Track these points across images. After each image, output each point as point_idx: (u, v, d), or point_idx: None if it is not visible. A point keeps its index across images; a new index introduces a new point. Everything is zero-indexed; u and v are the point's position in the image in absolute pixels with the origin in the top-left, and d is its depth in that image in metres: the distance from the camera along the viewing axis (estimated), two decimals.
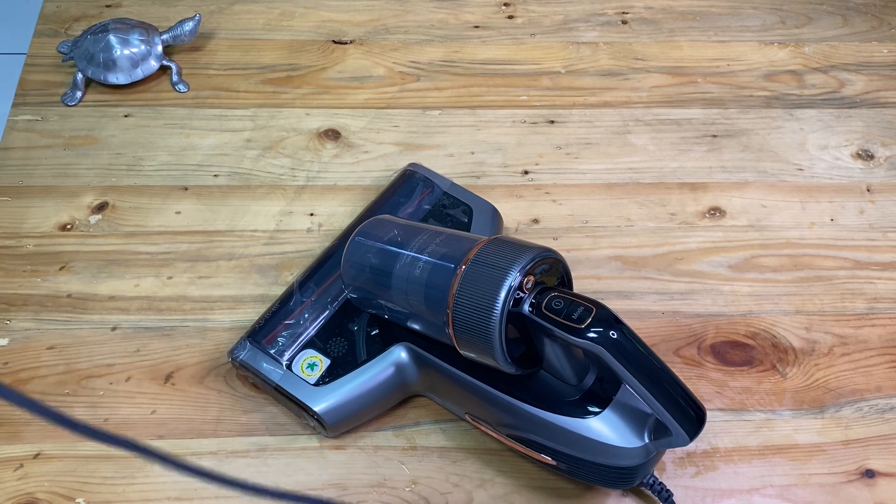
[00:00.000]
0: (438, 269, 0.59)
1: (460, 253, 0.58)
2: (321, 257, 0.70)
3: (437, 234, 0.62)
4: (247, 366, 0.64)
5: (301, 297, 0.67)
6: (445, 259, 0.59)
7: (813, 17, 0.94)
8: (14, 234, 0.74)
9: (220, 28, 0.90)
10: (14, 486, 0.61)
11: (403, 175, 0.75)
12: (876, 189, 0.80)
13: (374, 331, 0.65)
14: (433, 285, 0.58)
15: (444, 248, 0.60)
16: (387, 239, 0.63)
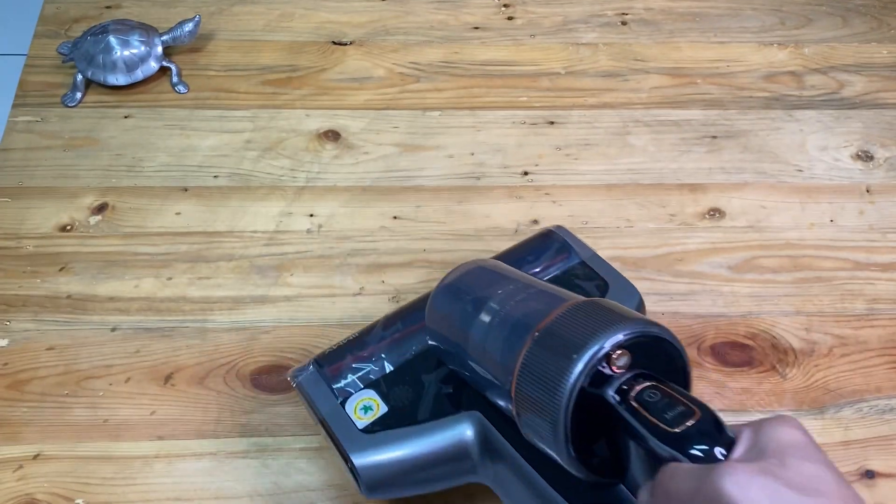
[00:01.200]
0: (516, 324, 0.50)
1: (546, 309, 0.48)
2: (420, 298, 0.63)
3: (530, 286, 0.53)
4: (302, 390, 0.58)
5: (383, 332, 0.60)
6: (527, 315, 0.50)
7: (812, 19, 0.94)
8: (14, 235, 0.74)
9: (220, 29, 0.90)
10: (13, 486, 0.61)
11: (541, 235, 0.67)
12: (875, 190, 0.80)
13: (448, 389, 0.57)
14: (507, 343, 0.50)
15: (531, 303, 0.51)
16: (475, 284, 0.56)
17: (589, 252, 0.65)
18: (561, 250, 0.64)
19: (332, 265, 0.73)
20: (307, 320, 0.70)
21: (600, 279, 0.62)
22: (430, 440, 0.54)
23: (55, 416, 0.64)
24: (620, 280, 0.62)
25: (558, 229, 0.67)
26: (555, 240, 0.66)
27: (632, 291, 0.62)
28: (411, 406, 0.56)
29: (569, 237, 0.66)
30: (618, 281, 0.62)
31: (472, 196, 0.78)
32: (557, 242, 0.65)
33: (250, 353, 0.67)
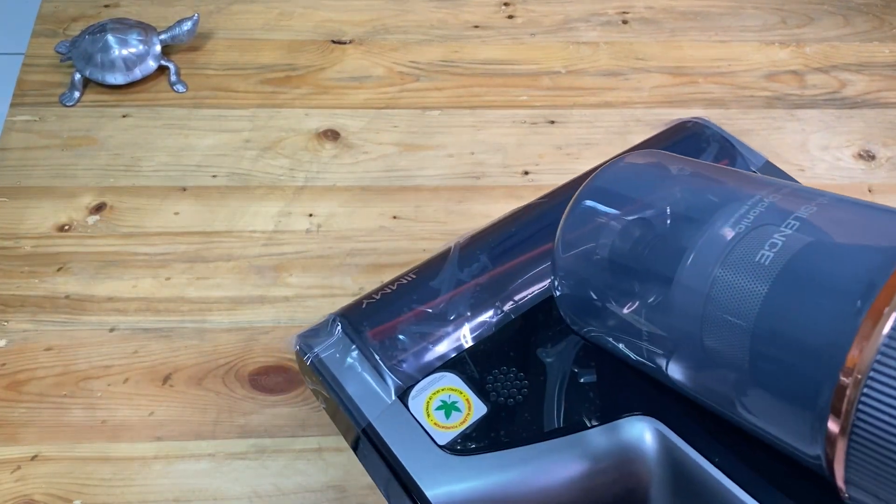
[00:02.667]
0: (815, 283, 0.27)
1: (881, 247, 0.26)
2: (514, 215, 0.42)
3: (798, 197, 0.30)
4: (322, 371, 0.37)
5: (460, 272, 0.38)
6: (836, 261, 0.27)
7: (814, 18, 0.94)
8: (12, 235, 0.74)
9: (219, 28, 0.90)
10: (11, 487, 0.60)
11: (684, 128, 0.45)
12: (877, 189, 0.80)
13: (589, 375, 0.35)
14: (798, 323, 0.27)
15: (827, 234, 0.28)
16: (667, 194, 0.32)
17: (759, 159, 0.46)
18: (723, 153, 0.44)
19: (332, 265, 0.73)
20: (306, 321, 0.69)
21: None
22: (570, 469, 0.31)
23: (53, 417, 0.64)
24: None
25: (702, 121, 0.46)
26: (706, 137, 0.45)
27: None
28: (530, 406, 0.34)
29: (725, 134, 0.46)
30: None
31: (472, 196, 0.77)
32: (714, 142, 0.45)
33: (249, 353, 0.67)
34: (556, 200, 0.40)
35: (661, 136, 0.44)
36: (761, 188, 0.30)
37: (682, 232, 0.30)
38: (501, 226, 0.41)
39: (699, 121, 0.45)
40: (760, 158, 0.46)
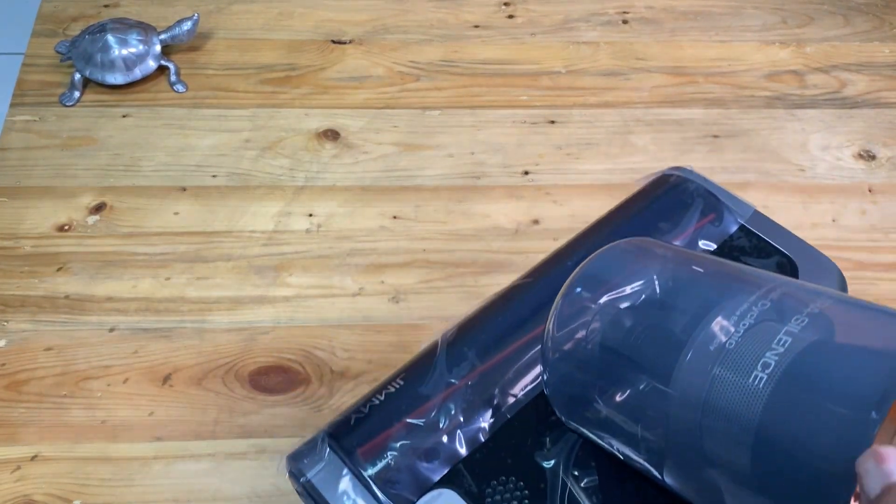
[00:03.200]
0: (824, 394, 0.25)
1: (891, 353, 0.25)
2: (499, 303, 0.40)
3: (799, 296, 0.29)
4: (314, 495, 0.35)
5: (448, 374, 0.37)
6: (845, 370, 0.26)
7: (814, 17, 0.94)
8: (12, 235, 0.73)
9: (219, 28, 0.90)
10: (12, 487, 0.60)
11: (666, 183, 0.45)
12: (878, 189, 0.79)
13: (590, 477, 0.33)
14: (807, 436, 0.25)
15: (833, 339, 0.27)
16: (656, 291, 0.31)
17: (748, 209, 0.43)
18: (708, 208, 0.42)
19: (332, 265, 0.72)
20: (306, 321, 0.69)
21: (779, 253, 0.41)
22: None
23: (53, 417, 0.64)
24: (808, 252, 0.42)
25: (684, 171, 0.44)
26: (691, 192, 0.43)
27: (829, 267, 0.42)
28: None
29: (707, 184, 0.44)
30: (805, 253, 0.41)
31: (472, 196, 0.77)
32: (697, 195, 0.43)
33: (249, 353, 0.67)
34: (541, 283, 0.38)
35: (645, 191, 0.43)
36: (758, 286, 0.29)
37: (680, 332, 0.28)
38: (487, 314, 0.39)
39: (682, 173, 0.44)
40: (748, 209, 0.44)
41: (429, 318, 0.69)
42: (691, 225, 0.41)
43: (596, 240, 0.40)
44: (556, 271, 0.36)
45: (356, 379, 0.66)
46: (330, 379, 0.66)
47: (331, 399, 0.65)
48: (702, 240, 0.40)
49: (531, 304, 0.36)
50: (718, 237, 0.40)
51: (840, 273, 0.42)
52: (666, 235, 0.40)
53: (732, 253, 0.39)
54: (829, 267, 0.42)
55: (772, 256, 0.40)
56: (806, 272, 0.40)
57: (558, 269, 0.36)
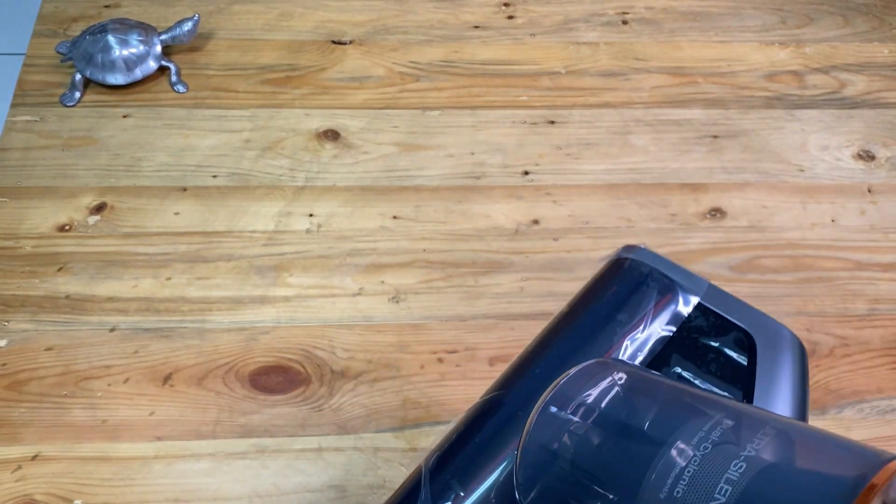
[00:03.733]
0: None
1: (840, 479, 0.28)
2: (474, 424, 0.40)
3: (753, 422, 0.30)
4: None
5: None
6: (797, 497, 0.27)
7: (814, 18, 0.94)
8: (12, 235, 0.74)
9: (219, 28, 0.90)
10: (12, 487, 0.60)
11: (621, 269, 0.45)
12: (877, 190, 0.80)
13: None
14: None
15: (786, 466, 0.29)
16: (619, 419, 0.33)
17: (702, 284, 0.43)
18: (663, 291, 0.42)
19: (332, 265, 0.73)
20: (306, 321, 0.69)
21: (736, 328, 0.41)
22: None
23: (54, 417, 0.64)
24: (765, 322, 0.41)
25: (637, 253, 0.45)
26: (644, 275, 0.44)
27: (789, 339, 0.42)
28: None
29: (660, 263, 0.44)
30: (763, 325, 0.41)
31: (472, 196, 0.78)
32: (651, 279, 0.43)
33: (249, 353, 0.67)
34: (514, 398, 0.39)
35: (602, 281, 0.44)
36: (715, 412, 0.30)
37: (637, 461, 0.30)
38: (466, 436, 0.40)
39: (635, 255, 0.45)
40: (702, 284, 0.43)
41: (429, 318, 0.70)
42: (648, 312, 0.41)
43: (560, 342, 0.41)
44: (526, 385, 0.38)
45: (356, 379, 0.66)
46: (330, 379, 0.66)
47: (331, 399, 0.65)
48: (660, 325, 0.41)
49: (507, 424, 0.37)
50: (676, 320, 0.41)
51: (799, 343, 0.42)
52: (626, 328, 0.41)
53: (691, 335, 0.40)
54: (787, 338, 0.42)
55: (729, 333, 0.41)
56: (764, 346, 0.41)
57: (529, 381, 0.38)
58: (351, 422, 0.64)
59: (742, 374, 0.39)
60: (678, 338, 0.40)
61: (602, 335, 0.40)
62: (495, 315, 0.70)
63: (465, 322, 0.69)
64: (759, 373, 0.39)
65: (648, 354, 0.40)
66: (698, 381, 0.39)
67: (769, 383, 0.39)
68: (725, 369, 0.40)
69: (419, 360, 0.67)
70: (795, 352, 0.41)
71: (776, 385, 0.39)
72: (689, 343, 0.41)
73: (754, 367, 0.39)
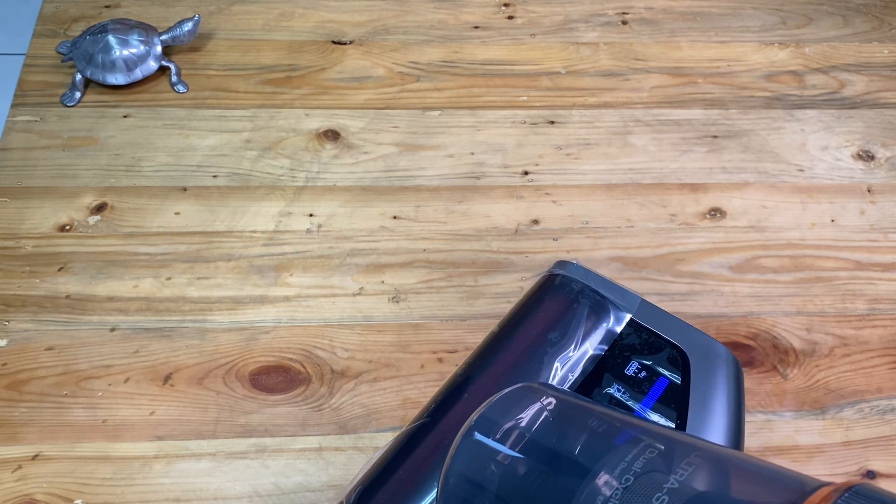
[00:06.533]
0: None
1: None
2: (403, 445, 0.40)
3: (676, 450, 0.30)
4: None
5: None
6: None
7: (813, 18, 0.94)
8: (13, 235, 0.74)
9: (220, 28, 0.90)
10: (12, 487, 0.61)
11: (552, 286, 0.44)
12: (877, 190, 0.80)
13: None
14: None
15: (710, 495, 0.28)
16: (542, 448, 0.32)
17: (634, 300, 0.43)
18: (595, 309, 0.41)
19: (332, 265, 0.73)
20: (307, 320, 0.69)
21: (669, 345, 0.41)
22: None
23: (54, 417, 0.64)
24: (699, 339, 0.41)
25: (566, 269, 0.45)
26: (575, 294, 0.43)
27: (723, 356, 0.42)
28: None
29: (592, 279, 0.44)
30: (696, 342, 0.41)
31: (472, 196, 0.78)
32: (581, 296, 0.43)
33: (250, 353, 0.67)
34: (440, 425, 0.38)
35: (534, 299, 0.44)
36: (640, 440, 0.30)
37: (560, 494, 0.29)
38: (390, 466, 0.39)
39: (566, 272, 0.44)
40: (634, 300, 0.43)
41: (429, 317, 0.70)
42: (580, 330, 0.41)
43: (489, 365, 0.40)
44: (454, 410, 0.37)
45: (356, 378, 0.66)
46: (330, 378, 0.66)
47: (331, 398, 0.65)
48: (592, 344, 0.40)
49: (433, 452, 0.36)
50: (608, 338, 0.41)
51: (733, 359, 0.41)
52: (556, 347, 0.40)
53: (624, 353, 0.40)
54: (720, 354, 0.41)
55: (662, 350, 0.40)
56: (698, 363, 0.40)
57: (456, 406, 0.37)
58: (351, 421, 0.64)
59: (676, 392, 0.39)
60: (610, 356, 0.40)
61: (533, 356, 0.39)
62: (495, 315, 0.70)
63: (465, 322, 0.70)
64: (692, 391, 0.39)
65: (580, 375, 0.39)
66: (631, 403, 0.38)
67: (703, 402, 0.38)
68: (659, 388, 0.39)
69: (419, 359, 0.67)
70: (730, 368, 0.41)
71: (711, 403, 0.39)
72: (622, 362, 0.40)
73: (688, 385, 0.38)
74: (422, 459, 0.37)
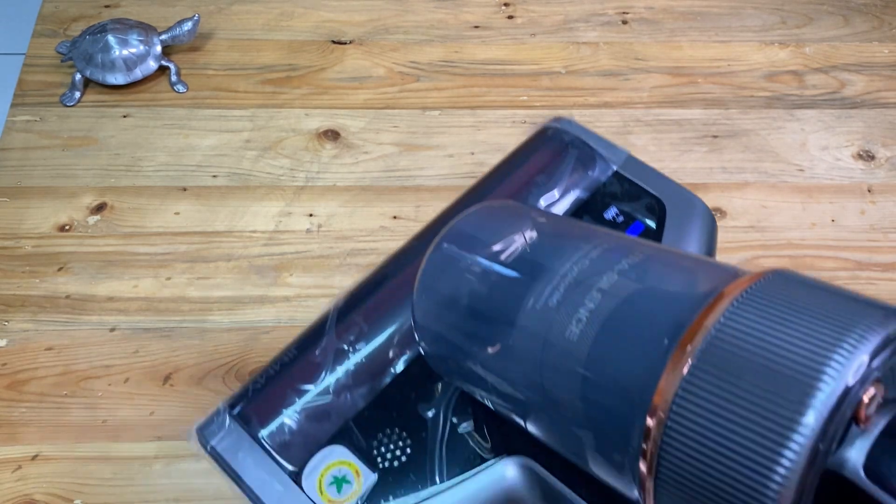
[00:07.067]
0: (631, 327, 0.29)
1: (690, 292, 0.29)
2: (386, 268, 0.43)
3: (625, 248, 0.32)
4: (219, 460, 0.39)
5: (336, 339, 0.40)
6: (656, 306, 0.29)
7: (814, 18, 0.94)
8: (12, 235, 0.74)
9: (219, 28, 0.90)
10: (12, 487, 0.60)
11: (543, 136, 0.46)
12: (877, 190, 0.80)
13: (467, 422, 0.37)
14: (614, 366, 0.29)
15: (646, 281, 0.30)
16: (509, 247, 0.34)
17: (621, 154, 0.44)
18: (581, 157, 0.43)
19: (332, 265, 0.73)
20: (307, 320, 0.69)
21: (650, 196, 0.42)
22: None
23: (54, 417, 0.64)
24: (677, 192, 0.42)
25: (563, 123, 0.46)
26: (567, 142, 0.45)
27: (700, 208, 0.42)
28: (413, 465, 0.36)
29: (584, 133, 0.45)
30: (674, 194, 0.42)
31: None
32: (573, 145, 0.44)
33: (249, 353, 0.67)
34: (424, 244, 0.40)
35: (524, 147, 0.46)
36: (594, 241, 0.32)
37: (521, 285, 0.32)
38: (374, 280, 0.42)
39: (559, 125, 0.46)
40: (622, 154, 0.46)
41: None
42: (565, 177, 0.43)
43: (476, 199, 0.43)
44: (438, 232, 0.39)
45: None
46: None
47: None
48: (576, 190, 0.43)
49: (414, 267, 0.38)
50: (592, 185, 0.43)
51: (707, 209, 0.43)
52: (542, 188, 0.43)
53: (605, 199, 0.42)
54: (695, 204, 0.43)
55: (642, 199, 0.43)
56: (674, 210, 0.42)
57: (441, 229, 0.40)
58: None
59: (649, 236, 0.41)
60: (591, 201, 0.42)
61: (517, 195, 0.42)
62: None
63: None
64: (665, 236, 0.41)
65: (561, 214, 0.42)
66: None
67: (675, 245, 0.40)
68: (633, 232, 0.41)
69: None
70: (705, 220, 0.42)
71: (682, 246, 0.41)
72: (601, 207, 0.42)
73: (662, 230, 0.41)
74: (408, 276, 0.39)
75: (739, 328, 0.25)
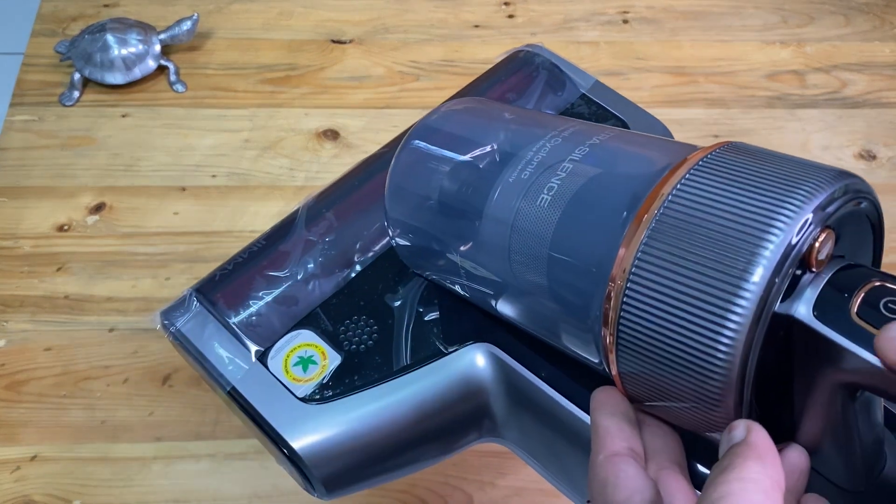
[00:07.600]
0: (591, 203, 0.30)
1: (646, 166, 0.30)
2: (357, 171, 0.44)
3: (587, 132, 0.33)
4: (185, 343, 0.39)
5: (307, 231, 0.41)
6: (612, 177, 0.31)
7: (815, 17, 0.94)
8: (11, 235, 0.73)
9: (218, 27, 0.90)
10: (11, 487, 0.60)
11: (516, 58, 0.48)
12: (878, 189, 0.79)
13: (433, 312, 0.38)
14: (574, 232, 0.30)
15: (606, 161, 0.32)
16: (476, 139, 0.35)
17: (590, 79, 0.47)
18: (552, 79, 0.46)
19: None
20: None
21: (614, 117, 0.44)
22: (420, 396, 0.35)
23: (53, 417, 0.63)
24: (640, 114, 0.44)
25: (534, 48, 0.48)
26: (539, 64, 0.47)
27: (658, 128, 0.45)
28: (380, 348, 0.36)
29: (555, 59, 0.48)
30: (639, 117, 0.44)
31: None
32: (544, 68, 0.47)
33: None
34: (393, 151, 0.41)
35: (496, 68, 0.49)
36: (557, 128, 0.34)
37: (488, 173, 0.33)
38: (345, 181, 0.44)
39: (531, 49, 0.49)
40: (590, 79, 0.48)
41: None
42: (535, 95, 0.46)
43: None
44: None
45: None
46: None
47: None
48: (545, 109, 0.45)
49: (383, 171, 0.39)
50: (561, 106, 0.45)
51: (666, 130, 0.46)
52: (512, 104, 0.44)
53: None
54: (656, 125, 0.46)
55: (608, 121, 0.45)
56: (635, 129, 0.44)
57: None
58: None
59: None
60: None
61: None
62: None
63: None
64: None
65: None
66: None
67: None
68: None
69: None
70: (664, 136, 0.44)
71: None
72: None
73: None
74: (380, 168, 0.40)
75: (692, 195, 0.27)
